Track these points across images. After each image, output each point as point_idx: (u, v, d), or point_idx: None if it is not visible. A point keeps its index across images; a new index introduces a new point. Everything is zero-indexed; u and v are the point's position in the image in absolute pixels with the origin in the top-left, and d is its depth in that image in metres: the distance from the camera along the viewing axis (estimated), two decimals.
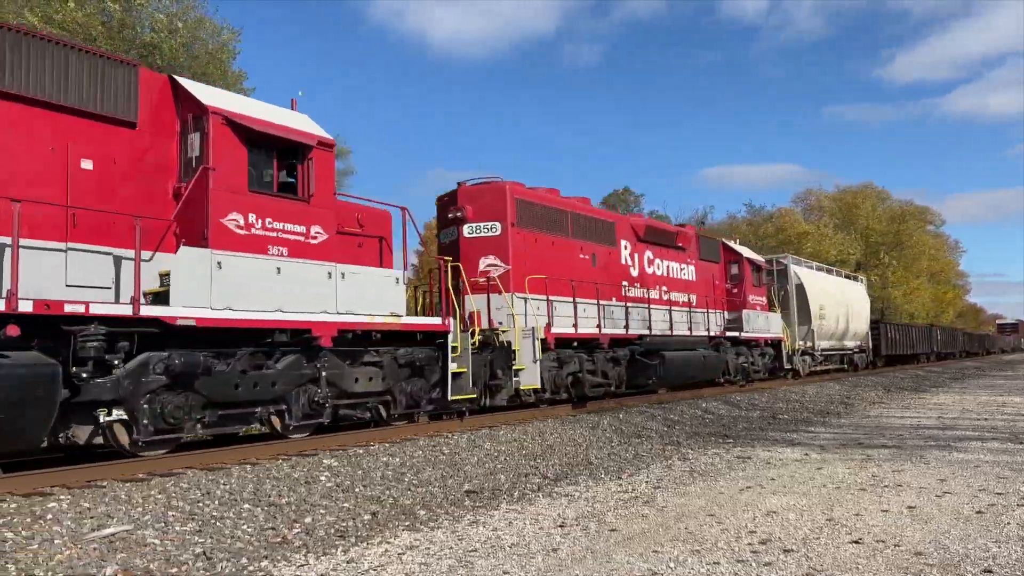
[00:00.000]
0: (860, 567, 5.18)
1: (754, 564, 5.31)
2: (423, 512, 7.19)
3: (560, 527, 6.55)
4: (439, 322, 11.46)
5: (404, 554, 5.71)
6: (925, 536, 5.98)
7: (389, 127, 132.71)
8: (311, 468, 8.12)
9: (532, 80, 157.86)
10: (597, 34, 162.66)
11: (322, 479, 7.82)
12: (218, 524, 6.24)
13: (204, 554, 5.54)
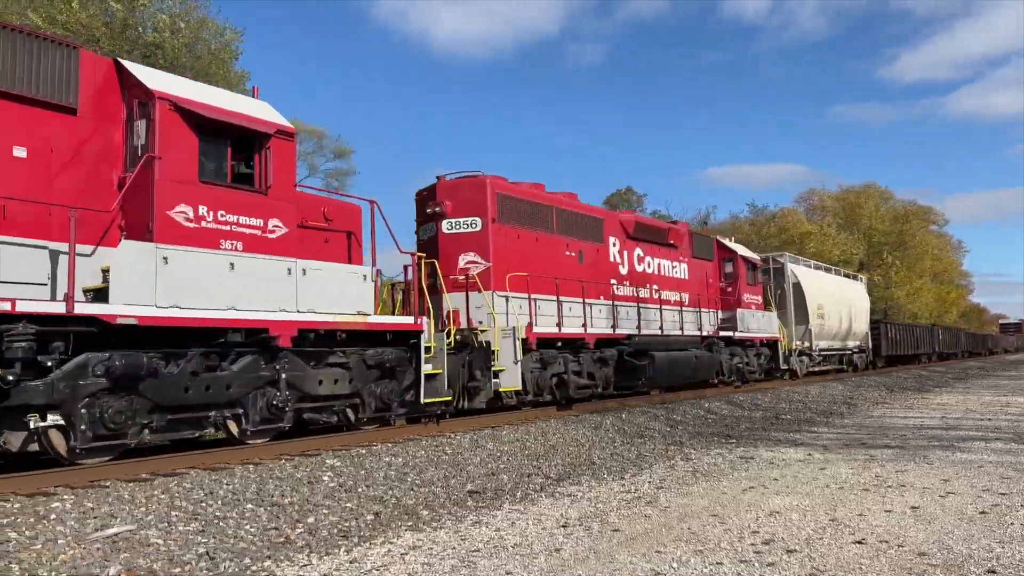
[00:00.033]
0: (863, 567, 5.17)
1: (757, 564, 5.30)
2: (426, 512, 7.19)
3: (563, 527, 6.54)
4: (411, 321, 10.97)
5: (407, 554, 5.71)
6: (929, 536, 5.97)
7: (390, 127, 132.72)
8: (314, 468, 8.12)
9: (534, 80, 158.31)
10: (601, 34, 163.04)
11: (325, 479, 7.82)
12: (221, 524, 6.24)
13: (207, 554, 5.55)
